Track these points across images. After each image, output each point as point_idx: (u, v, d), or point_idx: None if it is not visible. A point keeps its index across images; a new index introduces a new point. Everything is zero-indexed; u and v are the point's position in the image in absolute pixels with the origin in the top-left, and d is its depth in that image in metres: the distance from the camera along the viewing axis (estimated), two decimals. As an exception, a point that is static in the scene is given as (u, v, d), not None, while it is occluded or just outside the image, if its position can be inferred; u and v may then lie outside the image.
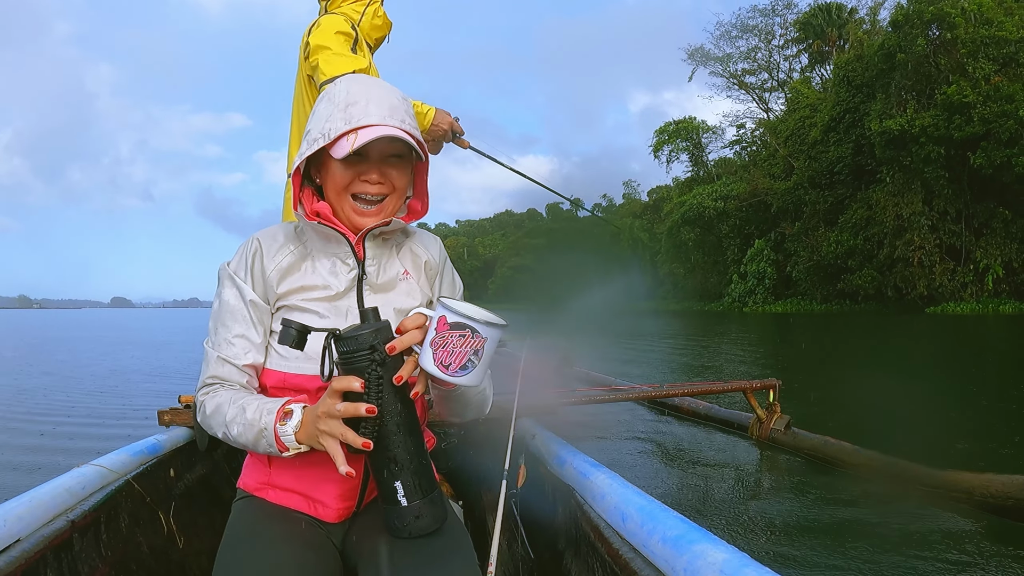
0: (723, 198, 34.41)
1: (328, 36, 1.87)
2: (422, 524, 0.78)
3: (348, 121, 0.89)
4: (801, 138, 30.79)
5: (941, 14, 22.47)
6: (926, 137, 22.78)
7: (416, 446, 0.77)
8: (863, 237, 26.04)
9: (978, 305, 22.69)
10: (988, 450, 3.14)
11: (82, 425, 4.54)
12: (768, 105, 39.48)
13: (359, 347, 0.74)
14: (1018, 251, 22.65)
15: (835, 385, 5.48)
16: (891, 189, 24.73)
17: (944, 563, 1.83)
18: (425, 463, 0.78)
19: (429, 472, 0.79)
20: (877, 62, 25.03)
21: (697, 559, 0.79)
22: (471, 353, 0.76)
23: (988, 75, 21.77)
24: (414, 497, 0.77)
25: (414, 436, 0.77)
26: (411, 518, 0.77)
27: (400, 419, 0.76)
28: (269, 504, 0.95)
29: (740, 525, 2.19)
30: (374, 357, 0.74)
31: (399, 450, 0.76)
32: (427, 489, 0.78)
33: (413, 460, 0.77)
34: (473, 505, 1.60)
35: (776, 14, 37.45)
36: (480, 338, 0.76)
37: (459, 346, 0.76)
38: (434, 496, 0.79)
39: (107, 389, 6.54)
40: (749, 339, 12.28)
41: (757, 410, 3.15)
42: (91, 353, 11.93)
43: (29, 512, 1.01)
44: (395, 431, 0.75)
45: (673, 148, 41.47)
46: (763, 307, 31.62)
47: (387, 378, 0.75)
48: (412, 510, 0.77)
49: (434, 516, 0.79)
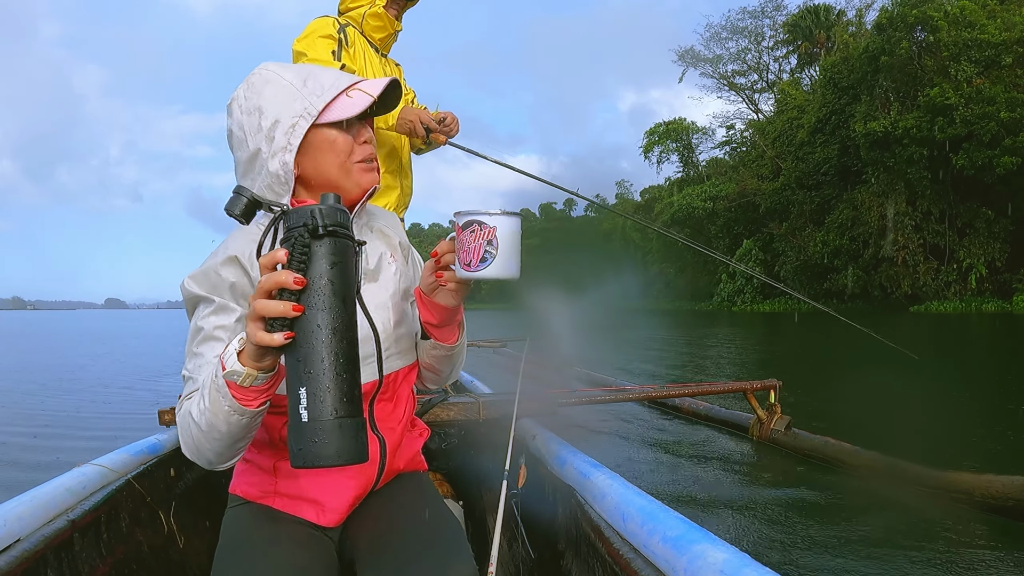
0: (712, 198, 34.68)
1: (306, 43, 1.92)
2: (320, 451, 0.61)
3: (330, 86, 0.84)
4: (789, 139, 31.10)
5: (924, 17, 22.83)
6: (909, 139, 23.12)
7: (343, 355, 0.63)
8: (849, 237, 26.38)
9: (961, 304, 23.06)
10: (986, 449, 3.16)
11: (82, 425, 4.50)
12: (758, 106, 39.85)
13: (299, 220, 0.63)
14: (1001, 250, 23.04)
15: (833, 385, 5.48)
16: (876, 190, 25.08)
17: (945, 564, 1.84)
18: (350, 381, 0.63)
19: (352, 394, 0.63)
20: (862, 65, 25.36)
21: (697, 559, 0.80)
22: (485, 244, 0.79)
23: (970, 77, 22.14)
24: (318, 413, 0.61)
25: (342, 343, 0.63)
26: (308, 441, 0.61)
27: (329, 316, 0.62)
28: (266, 508, 0.93)
29: (740, 525, 2.19)
30: (309, 228, 0.63)
31: (316, 354, 0.61)
32: (340, 411, 0.62)
33: (331, 370, 0.62)
34: (473, 505, 1.61)
35: (766, 16, 37.81)
36: (488, 228, 0.79)
37: (472, 242, 0.79)
38: (347, 424, 0.62)
39: (106, 389, 6.47)
40: (741, 339, 12.38)
41: (758, 411, 3.15)
42: (90, 353, 11.77)
43: (29, 512, 1.00)
44: (316, 329, 0.62)
45: (663, 149, 41.72)
46: (751, 306, 31.92)
47: (321, 260, 0.63)
48: (312, 430, 0.61)
49: (341, 449, 0.61)
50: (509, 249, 0.80)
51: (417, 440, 1.07)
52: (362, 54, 2.03)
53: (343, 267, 0.65)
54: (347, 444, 0.62)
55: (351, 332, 0.65)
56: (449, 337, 0.95)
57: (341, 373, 0.63)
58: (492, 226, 0.79)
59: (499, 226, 0.79)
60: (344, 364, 0.63)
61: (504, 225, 0.80)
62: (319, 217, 0.64)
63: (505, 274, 0.80)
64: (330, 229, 0.64)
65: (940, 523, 2.11)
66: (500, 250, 0.79)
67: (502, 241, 0.79)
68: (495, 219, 0.79)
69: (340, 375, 0.62)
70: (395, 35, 2.15)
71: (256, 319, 0.63)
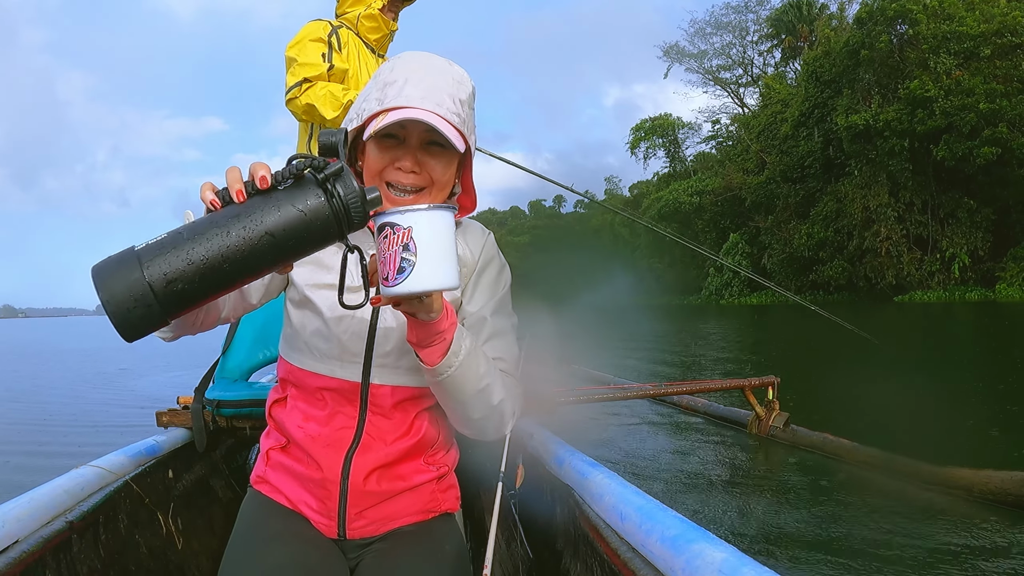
0: (699, 193, 34.97)
1: (297, 48, 1.95)
2: (109, 281, 0.55)
3: (381, 101, 0.83)
4: (773, 133, 31.41)
5: (903, 11, 23.14)
6: (890, 131, 23.46)
7: (213, 265, 0.56)
8: (833, 229, 26.72)
9: (945, 293, 23.46)
10: (983, 444, 3.19)
11: (80, 426, 4.48)
12: (743, 100, 40.17)
13: (325, 148, 0.61)
14: (983, 239, 23.46)
15: (829, 379, 5.51)
16: (859, 182, 25.42)
17: (944, 558, 1.84)
18: (188, 289, 0.56)
19: (171, 294, 0.56)
20: (843, 59, 25.66)
21: (696, 558, 0.79)
22: (401, 250, 0.64)
23: (949, 69, 22.49)
24: (150, 265, 0.55)
25: (224, 259, 0.56)
26: (119, 266, 0.56)
27: (241, 232, 0.57)
28: (275, 503, 0.95)
29: (739, 524, 2.20)
30: (315, 165, 0.59)
31: (203, 238, 0.56)
32: (155, 286, 0.55)
33: (195, 259, 0.56)
34: (472, 506, 1.61)
35: (749, 11, 38.11)
36: (401, 230, 0.64)
37: (387, 250, 0.65)
38: (142, 297, 0.55)
39: (105, 390, 6.44)
40: (732, 333, 12.47)
41: (756, 407, 3.15)
42: (86, 357, 11.68)
43: (28, 513, 1.00)
44: (228, 224, 0.57)
45: (650, 145, 41.94)
46: (739, 299, 32.22)
47: (296, 193, 0.58)
48: (129, 262, 0.56)
49: (118, 300, 0.55)
50: (433, 253, 0.65)
51: (431, 488, 0.97)
52: (356, 55, 2.04)
53: (302, 219, 0.58)
54: (123, 303, 0.55)
55: (238, 265, 0.57)
56: (430, 358, 0.80)
57: (195, 273, 0.56)
58: (406, 227, 0.65)
59: (415, 226, 0.65)
60: (204, 271, 0.56)
61: (422, 223, 0.65)
62: (331, 172, 0.58)
63: (431, 284, 0.65)
64: (324, 183, 0.58)
65: (939, 519, 2.12)
66: (420, 256, 0.65)
67: (421, 244, 0.65)
68: (409, 216, 0.65)
69: (193, 270, 0.56)
70: (391, 35, 2.15)
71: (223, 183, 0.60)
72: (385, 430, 0.92)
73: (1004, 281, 22.38)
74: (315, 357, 0.91)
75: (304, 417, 0.93)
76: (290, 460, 0.94)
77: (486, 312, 0.94)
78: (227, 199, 0.59)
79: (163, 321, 0.57)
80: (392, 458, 0.92)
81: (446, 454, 1.01)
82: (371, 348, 0.90)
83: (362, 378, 0.90)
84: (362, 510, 0.92)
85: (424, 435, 0.94)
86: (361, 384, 0.91)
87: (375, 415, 0.92)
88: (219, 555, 0.92)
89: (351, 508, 0.91)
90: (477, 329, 0.93)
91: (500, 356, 0.94)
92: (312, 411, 0.93)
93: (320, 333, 0.91)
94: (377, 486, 0.92)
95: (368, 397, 0.91)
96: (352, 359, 0.90)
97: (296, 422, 0.93)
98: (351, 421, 0.91)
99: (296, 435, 0.92)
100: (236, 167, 0.60)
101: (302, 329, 0.92)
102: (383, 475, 0.92)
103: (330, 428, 0.91)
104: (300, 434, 0.92)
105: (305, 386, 0.93)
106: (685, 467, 2.93)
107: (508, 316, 0.98)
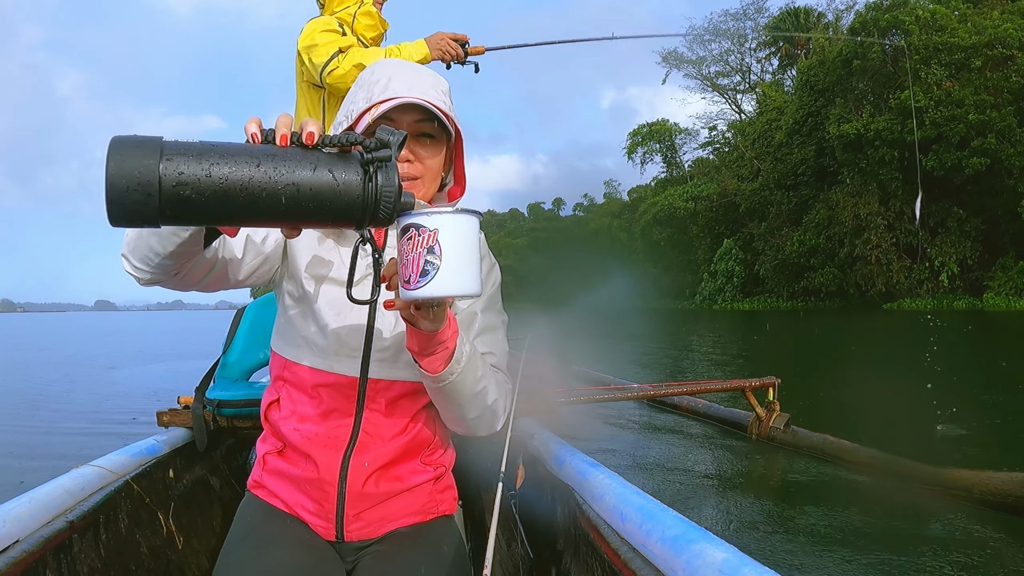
0: (694, 199, 35.17)
1: (312, 35, 1.94)
2: (117, 178, 0.52)
3: (369, 99, 0.85)
4: (768, 140, 31.65)
5: (896, 21, 23.41)
6: (880, 140, 23.71)
7: (237, 194, 0.54)
8: (825, 236, 26.95)
9: (933, 301, 23.70)
10: (982, 445, 3.19)
11: (80, 426, 4.44)
12: (741, 107, 40.44)
13: (355, 138, 0.59)
14: (972, 249, 23.73)
15: (828, 382, 5.52)
16: (850, 190, 25.66)
17: (943, 560, 1.85)
18: (209, 208, 0.55)
19: (189, 207, 0.54)
20: (836, 68, 25.93)
21: (696, 558, 0.79)
22: (425, 253, 0.63)
23: (940, 80, 22.76)
24: (168, 168, 0.53)
25: (248, 195, 0.55)
26: (134, 182, 0.53)
27: (267, 175, 0.55)
28: (271, 507, 0.95)
29: (739, 524, 2.20)
30: (365, 145, 0.58)
31: (235, 169, 0.54)
32: (164, 201, 0.52)
33: (217, 186, 0.54)
34: (472, 506, 1.61)
35: (748, 18, 38.37)
36: (427, 232, 0.62)
37: (410, 252, 0.63)
38: (146, 207, 0.53)
39: (105, 390, 6.37)
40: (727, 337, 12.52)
41: (756, 408, 3.15)
42: (86, 355, 11.58)
43: (28, 513, 0.99)
44: (261, 163, 0.55)
45: (647, 150, 42.12)
46: (732, 304, 32.40)
47: (342, 160, 0.58)
48: (148, 167, 0.53)
49: (136, 205, 0.52)
50: (459, 257, 0.63)
51: (428, 488, 0.98)
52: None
53: (331, 187, 0.56)
54: (127, 182, 0.52)
55: (251, 200, 0.55)
56: (432, 366, 0.80)
57: (208, 187, 0.53)
58: (432, 229, 0.63)
59: (442, 228, 0.63)
60: (218, 190, 0.54)
61: (449, 226, 0.63)
62: (379, 156, 0.57)
63: (456, 290, 0.64)
64: (368, 164, 0.57)
65: (939, 520, 2.13)
66: (445, 259, 0.63)
67: (447, 247, 0.63)
68: (436, 219, 0.63)
69: (208, 184, 0.53)
70: (383, 35, 2.16)
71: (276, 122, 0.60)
72: (382, 427, 0.92)
73: (992, 290, 22.64)
74: (312, 352, 0.91)
75: (299, 418, 0.92)
76: (286, 464, 0.94)
77: (476, 307, 0.96)
78: (269, 139, 0.58)
79: (154, 220, 0.53)
80: (390, 456, 0.92)
81: (443, 454, 1.01)
82: (370, 343, 0.90)
83: (360, 373, 0.90)
84: (360, 512, 0.92)
85: (421, 432, 0.95)
86: (359, 379, 0.90)
87: (372, 411, 0.91)
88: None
89: (349, 510, 0.91)
90: (467, 325, 0.94)
91: (490, 351, 0.95)
92: (307, 410, 0.92)
93: (318, 327, 0.90)
94: (375, 487, 0.92)
95: (366, 392, 0.90)
96: (351, 353, 0.90)
97: (292, 424, 0.93)
98: (347, 418, 0.91)
99: (292, 438, 0.92)
100: (290, 115, 0.60)
101: (299, 323, 0.92)
102: (381, 476, 0.92)
103: (326, 426, 0.91)
104: (296, 436, 0.92)
105: (300, 383, 0.92)
106: (685, 467, 2.92)
107: (498, 313, 1.00)
